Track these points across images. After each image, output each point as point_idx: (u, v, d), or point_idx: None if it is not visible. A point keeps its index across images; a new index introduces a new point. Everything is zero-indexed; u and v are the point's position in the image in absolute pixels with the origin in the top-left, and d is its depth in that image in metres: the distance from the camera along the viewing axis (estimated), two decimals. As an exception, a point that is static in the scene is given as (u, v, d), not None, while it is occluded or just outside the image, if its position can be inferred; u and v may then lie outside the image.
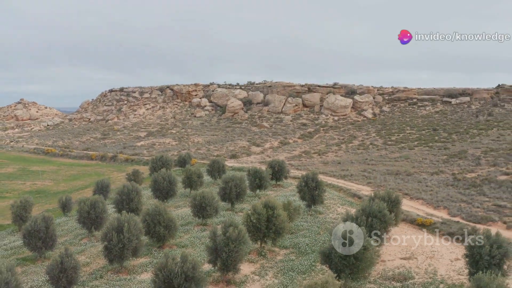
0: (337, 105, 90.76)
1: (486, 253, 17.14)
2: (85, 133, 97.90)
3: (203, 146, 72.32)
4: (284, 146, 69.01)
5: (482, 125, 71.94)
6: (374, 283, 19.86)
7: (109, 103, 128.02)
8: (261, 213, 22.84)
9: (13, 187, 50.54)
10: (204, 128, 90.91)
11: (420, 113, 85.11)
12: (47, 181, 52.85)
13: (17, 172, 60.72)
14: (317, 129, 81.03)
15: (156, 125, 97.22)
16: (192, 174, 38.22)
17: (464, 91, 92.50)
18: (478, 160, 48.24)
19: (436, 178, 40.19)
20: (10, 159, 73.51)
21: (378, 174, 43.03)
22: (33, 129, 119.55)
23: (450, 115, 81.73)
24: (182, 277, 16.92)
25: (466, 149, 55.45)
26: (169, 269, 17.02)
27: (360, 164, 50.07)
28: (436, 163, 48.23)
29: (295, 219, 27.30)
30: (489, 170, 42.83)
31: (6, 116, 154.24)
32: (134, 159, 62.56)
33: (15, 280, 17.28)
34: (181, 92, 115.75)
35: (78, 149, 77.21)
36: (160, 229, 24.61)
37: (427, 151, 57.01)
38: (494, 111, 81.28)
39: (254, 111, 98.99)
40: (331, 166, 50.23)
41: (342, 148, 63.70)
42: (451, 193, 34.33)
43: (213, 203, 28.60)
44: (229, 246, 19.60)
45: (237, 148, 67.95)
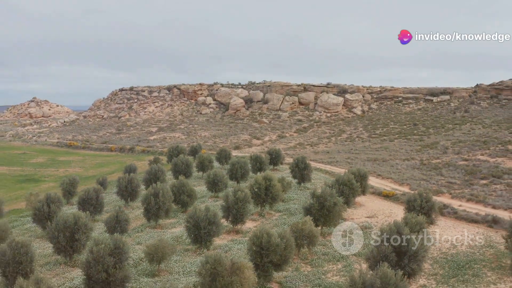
0: (329, 103, 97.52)
1: (418, 204, 23.99)
2: (100, 128, 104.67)
3: (209, 139, 79.11)
4: (281, 139, 75.85)
5: (457, 120, 78.74)
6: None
7: (120, 101, 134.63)
8: (261, 183, 29.63)
9: (48, 173, 57.33)
10: (209, 124, 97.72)
11: (404, 110, 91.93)
12: (77, 168, 59.64)
13: (47, 162, 67.47)
14: (311, 125, 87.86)
15: (166, 121, 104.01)
16: (204, 159, 45.06)
17: (445, 90, 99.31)
18: (446, 149, 55.08)
19: (406, 163, 47.06)
20: (37, 151, 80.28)
21: (359, 160, 49.85)
22: (51, 125, 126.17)
23: (431, 112, 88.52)
24: (206, 221, 23.70)
25: (438, 141, 62.26)
26: (197, 216, 23.81)
27: (345, 153, 56.88)
28: (410, 152, 55.09)
29: (287, 191, 34.15)
30: (452, 157, 49.66)
31: (20, 114, 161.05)
32: (149, 150, 69.36)
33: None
34: (187, 91, 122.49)
35: (97, 142, 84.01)
36: (184, 197, 31.45)
37: (404, 142, 63.89)
38: (470, 108, 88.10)
39: (255, 108, 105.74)
40: (321, 155, 57.03)
41: (332, 141, 70.58)
42: (415, 174, 41.19)
43: (223, 179, 35.42)
44: (238, 204, 26.40)
45: (240, 141, 74.77)
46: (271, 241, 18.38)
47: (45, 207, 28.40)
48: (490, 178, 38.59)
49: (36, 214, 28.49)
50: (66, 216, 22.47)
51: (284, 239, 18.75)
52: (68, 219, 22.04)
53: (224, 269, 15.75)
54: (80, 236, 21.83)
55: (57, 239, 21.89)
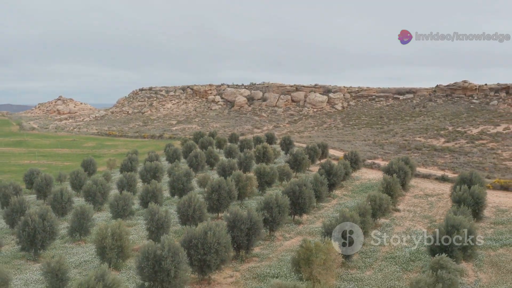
0: (316, 100, 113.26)
1: (349, 157, 39.82)
2: (129, 122, 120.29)
3: (220, 129, 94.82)
4: (276, 128, 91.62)
5: (415, 114, 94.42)
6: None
7: (142, 100, 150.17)
8: (260, 150, 45.47)
9: (103, 152, 72.98)
10: (218, 117, 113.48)
11: (375, 106, 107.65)
12: (123, 149, 75.29)
13: (97, 146, 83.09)
14: (301, 118, 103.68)
15: (182, 116, 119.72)
16: (220, 140, 60.89)
17: (411, 89, 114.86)
18: (396, 134, 70.86)
19: (362, 143, 62.85)
20: (84, 138, 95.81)
21: (330, 141, 65.61)
22: (85, 119, 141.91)
23: (396, 108, 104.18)
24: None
25: (394, 128, 78.01)
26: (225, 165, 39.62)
27: (322, 138, 72.58)
28: (370, 136, 70.85)
29: (277, 156, 50.02)
30: (398, 139, 65.44)
31: (49, 110, 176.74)
32: (175, 137, 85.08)
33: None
34: (199, 91, 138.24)
35: (130, 132, 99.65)
36: (212, 160, 47.30)
37: (369, 130, 79.68)
38: (428, 105, 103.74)
39: (255, 105, 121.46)
40: (305, 138, 72.81)
41: (315, 129, 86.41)
42: (364, 148, 57.01)
43: (236, 150, 51.22)
44: (246, 161, 42.14)
45: (244, 130, 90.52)
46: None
47: (129, 163, 44.28)
48: (413, 150, 54.51)
49: (123, 168, 44.29)
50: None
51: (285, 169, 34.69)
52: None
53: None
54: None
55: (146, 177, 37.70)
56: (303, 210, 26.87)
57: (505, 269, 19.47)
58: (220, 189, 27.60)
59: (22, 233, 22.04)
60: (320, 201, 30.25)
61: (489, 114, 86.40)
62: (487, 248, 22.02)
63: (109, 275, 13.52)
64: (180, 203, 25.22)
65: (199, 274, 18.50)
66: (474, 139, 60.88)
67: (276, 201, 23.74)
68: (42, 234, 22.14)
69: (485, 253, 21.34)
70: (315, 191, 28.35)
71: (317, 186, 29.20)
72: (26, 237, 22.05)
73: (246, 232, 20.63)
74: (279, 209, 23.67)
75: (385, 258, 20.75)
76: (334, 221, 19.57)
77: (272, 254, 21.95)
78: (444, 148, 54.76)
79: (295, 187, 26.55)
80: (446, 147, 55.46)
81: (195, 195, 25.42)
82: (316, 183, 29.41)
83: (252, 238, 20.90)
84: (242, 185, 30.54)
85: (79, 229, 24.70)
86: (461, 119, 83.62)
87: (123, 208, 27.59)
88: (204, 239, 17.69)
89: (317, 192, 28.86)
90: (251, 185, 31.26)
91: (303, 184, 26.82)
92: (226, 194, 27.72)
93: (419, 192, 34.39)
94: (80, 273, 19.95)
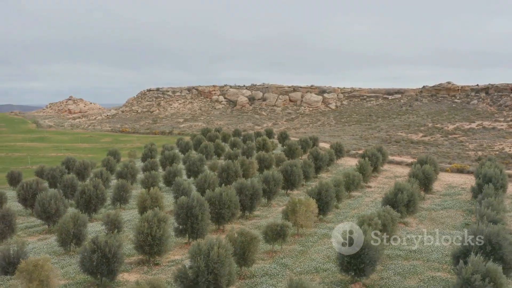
0: (312, 100, 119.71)
1: (334, 147, 46.31)
2: (139, 120, 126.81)
3: (224, 126, 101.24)
4: (275, 125, 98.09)
5: (401, 112, 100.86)
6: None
7: (150, 99, 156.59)
8: (260, 142, 51.95)
9: (121, 146, 79.34)
10: (222, 116, 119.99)
11: (366, 105, 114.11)
12: (137, 143, 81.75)
13: (113, 141, 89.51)
14: (297, 116, 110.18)
15: (189, 114, 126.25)
16: (225, 135, 67.38)
17: (399, 90, 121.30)
18: (381, 129, 77.34)
19: (350, 137, 69.32)
20: (99, 135, 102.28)
21: (322, 136, 72.07)
22: (97, 118, 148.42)
23: (385, 107, 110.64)
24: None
25: (380, 125, 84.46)
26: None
27: (316, 133, 79.01)
28: (358, 132, 77.31)
29: (275, 148, 56.52)
30: (382, 134, 71.88)
31: (61, 110, 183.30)
32: (183, 133, 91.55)
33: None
34: (204, 91, 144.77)
35: (142, 129, 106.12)
36: (219, 151, 53.81)
37: (358, 127, 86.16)
38: (414, 104, 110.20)
39: (256, 104, 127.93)
40: (300, 134, 79.26)
41: (310, 126, 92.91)
42: (351, 141, 63.47)
43: (240, 143, 57.70)
44: (247, 144, 48.67)
45: (246, 127, 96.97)
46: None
47: (149, 152, 50.76)
48: (393, 142, 61.01)
49: (144, 156, 50.75)
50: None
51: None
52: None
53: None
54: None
55: (164, 166, 44.18)
56: (294, 185, 33.31)
57: (439, 221, 25.97)
58: (228, 170, 34.08)
59: (80, 199, 28.50)
60: (308, 180, 36.71)
61: (468, 112, 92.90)
62: (431, 210, 28.52)
63: (160, 213, 20.00)
64: (198, 179, 31.67)
65: (216, 225, 24.99)
66: (448, 133, 67.38)
67: (272, 176, 30.20)
68: (95, 200, 28.61)
69: (428, 213, 27.84)
70: (303, 171, 34.81)
71: (305, 168, 35.69)
72: (83, 203, 28.51)
73: (250, 197, 27.10)
74: (275, 183, 30.13)
75: (352, 217, 27.22)
76: (314, 187, 26.08)
77: (269, 215, 28.40)
78: (420, 141, 61.29)
79: (287, 167, 33.03)
80: (422, 140, 61.99)
81: (209, 173, 31.89)
82: (305, 165, 35.91)
83: (254, 201, 27.36)
84: (246, 168, 37.03)
85: (120, 198, 31.21)
86: (442, 117, 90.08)
87: (151, 184, 34.06)
88: (220, 198, 24.19)
89: (305, 172, 35.32)
90: (253, 168, 37.75)
91: (294, 165, 33.30)
92: (233, 173, 34.19)
93: (390, 174, 40.88)
94: (128, 227, 26.35)
